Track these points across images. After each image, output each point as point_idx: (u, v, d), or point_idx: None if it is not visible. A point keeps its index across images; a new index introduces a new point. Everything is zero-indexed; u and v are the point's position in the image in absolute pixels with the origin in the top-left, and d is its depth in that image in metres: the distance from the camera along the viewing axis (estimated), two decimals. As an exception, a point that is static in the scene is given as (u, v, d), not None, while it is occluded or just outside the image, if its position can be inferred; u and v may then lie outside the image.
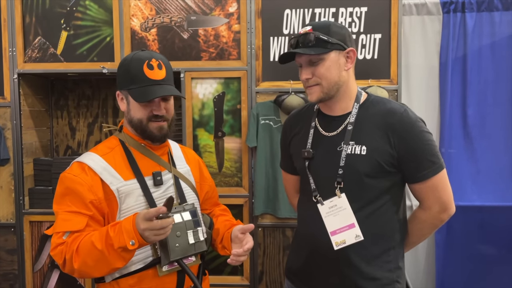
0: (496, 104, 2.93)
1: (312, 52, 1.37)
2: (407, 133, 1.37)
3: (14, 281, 2.61)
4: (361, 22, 2.47)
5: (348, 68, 1.44)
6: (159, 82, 1.38)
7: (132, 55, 1.41)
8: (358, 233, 1.39)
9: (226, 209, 1.69)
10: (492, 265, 2.94)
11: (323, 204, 1.43)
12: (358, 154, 1.39)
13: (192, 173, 1.55)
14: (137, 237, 1.22)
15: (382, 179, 1.40)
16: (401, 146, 1.37)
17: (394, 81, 2.47)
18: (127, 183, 1.36)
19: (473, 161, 2.96)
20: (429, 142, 1.39)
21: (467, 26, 2.89)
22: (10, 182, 2.57)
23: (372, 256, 1.41)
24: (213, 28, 2.51)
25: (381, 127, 1.39)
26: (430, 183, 1.40)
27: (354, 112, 1.44)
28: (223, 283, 2.52)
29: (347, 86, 1.45)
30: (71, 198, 1.33)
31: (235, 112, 2.53)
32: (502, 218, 2.91)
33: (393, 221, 1.44)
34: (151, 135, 1.40)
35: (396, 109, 1.42)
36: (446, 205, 1.44)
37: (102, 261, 1.25)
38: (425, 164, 1.38)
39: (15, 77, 2.54)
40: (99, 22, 2.53)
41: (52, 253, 1.32)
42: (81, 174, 1.34)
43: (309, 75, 1.41)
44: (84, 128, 2.98)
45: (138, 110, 1.38)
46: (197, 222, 1.41)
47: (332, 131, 1.46)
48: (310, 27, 1.40)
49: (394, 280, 1.43)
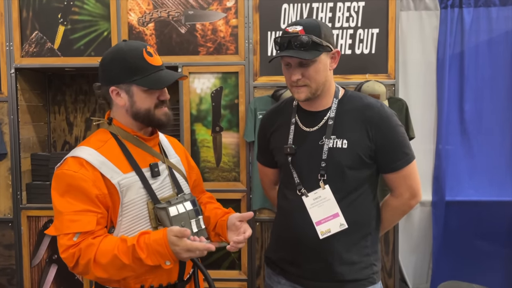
0: (493, 100, 2.95)
1: (308, 56, 1.39)
2: (385, 126, 1.46)
3: (12, 276, 2.61)
4: (359, 17, 2.48)
5: (332, 68, 1.49)
6: (161, 68, 1.38)
7: (121, 47, 1.36)
8: (342, 222, 1.47)
9: (212, 197, 1.70)
10: (488, 259, 2.96)
11: (307, 196, 1.49)
12: (339, 147, 1.46)
13: (182, 162, 1.55)
14: (172, 257, 1.24)
15: (362, 170, 1.48)
16: (378, 139, 1.46)
17: (391, 76, 2.48)
18: (127, 176, 1.35)
19: (470, 156, 2.98)
20: (402, 134, 1.49)
21: (465, 21, 2.90)
22: (7, 177, 2.57)
23: (352, 243, 1.50)
24: (210, 22, 2.51)
25: (360, 120, 1.47)
26: (403, 173, 1.50)
27: (334, 107, 1.50)
28: (221, 278, 2.52)
29: (329, 84, 1.51)
30: (76, 196, 1.28)
31: (233, 106, 2.53)
32: (498, 212, 2.93)
33: (371, 208, 1.54)
34: (159, 122, 1.39)
35: (373, 103, 1.50)
36: (415, 192, 1.54)
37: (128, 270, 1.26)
38: (400, 155, 1.48)
39: (12, 71, 2.53)
40: (96, 17, 2.52)
41: (62, 256, 1.28)
42: (81, 169, 1.29)
43: (299, 76, 1.44)
44: (82, 124, 2.98)
45: (145, 100, 1.36)
46: (197, 211, 1.42)
47: (312, 126, 1.51)
48: (300, 27, 1.41)
49: (371, 263, 1.53)
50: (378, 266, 1.56)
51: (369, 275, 1.51)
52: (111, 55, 1.37)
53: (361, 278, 1.50)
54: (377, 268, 1.55)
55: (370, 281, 1.51)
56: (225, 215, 1.51)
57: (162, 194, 1.41)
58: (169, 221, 1.33)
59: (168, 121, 1.41)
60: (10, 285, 2.61)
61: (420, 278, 3.08)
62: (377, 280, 1.54)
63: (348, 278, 1.48)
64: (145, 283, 1.35)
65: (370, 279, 1.51)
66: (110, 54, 1.37)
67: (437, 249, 2.95)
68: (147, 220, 1.35)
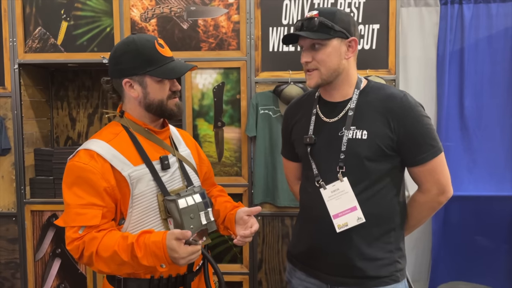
0: (493, 95, 2.96)
1: (315, 36, 1.39)
2: (407, 117, 1.40)
3: (16, 270, 2.63)
4: (360, 13, 2.50)
5: (348, 57, 1.45)
6: (172, 59, 1.41)
7: (133, 39, 1.38)
8: (360, 216, 1.42)
9: (223, 190, 1.72)
10: (487, 254, 2.97)
11: (325, 189, 1.45)
12: (359, 138, 1.42)
13: (192, 155, 1.57)
14: (167, 261, 1.24)
15: (383, 162, 1.43)
16: (400, 130, 1.40)
17: (392, 72, 2.50)
18: (137, 169, 1.36)
19: (469, 151, 2.99)
20: (428, 126, 1.42)
21: (465, 17, 2.91)
22: (11, 172, 2.59)
23: (373, 238, 1.45)
24: (212, 18, 2.52)
25: (381, 111, 1.42)
26: (429, 166, 1.43)
27: (355, 98, 1.47)
28: (223, 271, 2.50)
29: (347, 74, 1.47)
30: (84, 188, 1.30)
31: (235, 102, 2.55)
32: (497, 208, 2.94)
33: (393, 204, 1.47)
34: (171, 113, 1.41)
35: (395, 94, 1.44)
36: (444, 188, 1.47)
37: (127, 267, 1.28)
38: (424, 148, 1.41)
39: (16, 67, 2.55)
40: (99, 13, 2.54)
41: (68, 248, 1.32)
42: (91, 161, 1.31)
43: (309, 59, 1.43)
44: (84, 119, 3.00)
45: (159, 91, 1.38)
46: (206, 203, 1.43)
47: (333, 117, 1.49)
48: (316, 11, 1.42)
49: (395, 260, 1.47)
50: (403, 264, 1.50)
51: (392, 272, 1.46)
52: (123, 48, 1.38)
53: (383, 275, 1.44)
54: (401, 266, 1.49)
55: (393, 279, 1.46)
56: (234, 209, 1.52)
57: (172, 187, 1.43)
58: (178, 213, 1.35)
59: (180, 112, 1.43)
60: (14, 278, 2.64)
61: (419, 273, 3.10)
62: (401, 279, 1.48)
63: (369, 274, 1.44)
64: (155, 274, 1.37)
65: (393, 276, 1.46)
66: (122, 47, 1.38)
67: (437, 244, 2.97)
68: (157, 212, 1.37)
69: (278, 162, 2.48)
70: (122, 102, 1.47)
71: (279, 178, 2.48)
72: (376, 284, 1.44)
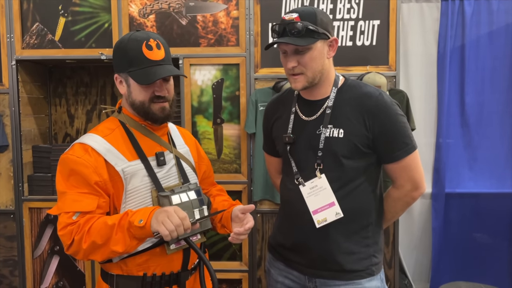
0: (493, 92, 2.95)
1: (302, 42, 1.39)
2: (382, 115, 1.43)
3: (14, 267, 2.62)
4: (360, 8, 2.47)
5: (330, 57, 1.48)
6: (159, 63, 1.37)
7: (128, 36, 1.38)
8: (338, 211, 1.46)
9: (222, 189, 1.71)
10: (488, 252, 2.97)
11: (304, 185, 1.49)
12: (336, 137, 1.45)
13: (191, 153, 1.56)
14: (149, 217, 1.23)
15: (359, 160, 1.47)
16: (376, 128, 1.43)
17: (392, 68, 2.48)
18: (132, 164, 1.36)
19: (470, 148, 2.98)
20: (402, 124, 1.45)
21: (465, 13, 2.90)
22: (9, 169, 2.58)
23: (351, 232, 1.49)
24: (211, 14, 2.50)
25: (357, 110, 1.45)
26: (403, 163, 1.47)
27: (332, 96, 1.49)
28: (222, 269, 2.54)
29: (327, 73, 1.49)
30: (78, 180, 1.31)
31: (234, 98, 2.53)
32: (498, 204, 2.94)
33: (370, 199, 1.51)
34: (154, 116, 1.40)
35: (371, 92, 1.47)
36: (417, 184, 1.50)
37: (108, 240, 1.26)
38: (399, 145, 1.45)
39: (13, 63, 2.53)
40: (97, 8, 2.52)
41: (60, 233, 1.31)
42: (85, 155, 1.32)
43: (295, 64, 1.43)
44: (83, 116, 2.98)
45: (140, 92, 1.37)
46: (201, 200, 1.42)
47: (311, 115, 1.51)
48: (296, 14, 1.41)
49: (371, 254, 1.51)
50: (379, 258, 1.54)
51: (368, 266, 1.50)
52: (117, 44, 1.40)
53: (359, 269, 1.49)
54: (377, 260, 1.53)
55: (368, 272, 1.50)
56: (230, 207, 1.52)
57: (168, 183, 1.42)
58: None
59: (165, 117, 1.41)
60: (12, 276, 2.63)
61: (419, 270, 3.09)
62: (376, 272, 1.52)
63: (346, 267, 1.48)
64: (148, 271, 1.36)
65: (369, 270, 1.50)
66: (117, 43, 1.41)
67: (437, 242, 2.96)
68: None
69: (278, 159, 2.46)
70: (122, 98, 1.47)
71: (279, 175, 2.46)
72: (352, 277, 1.48)
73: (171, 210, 1.24)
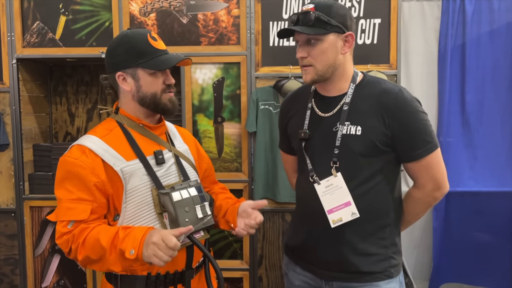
0: (494, 91, 2.95)
1: (311, 32, 1.37)
2: (402, 112, 1.38)
3: (15, 266, 2.62)
4: (361, 7, 2.47)
5: (345, 52, 1.44)
6: (165, 52, 1.40)
7: (126, 33, 1.40)
8: (354, 211, 1.41)
9: (224, 187, 1.70)
10: (488, 251, 2.96)
11: (319, 184, 1.45)
12: (353, 134, 1.41)
13: (190, 151, 1.56)
14: (139, 248, 1.22)
15: (377, 158, 1.42)
16: (395, 126, 1.39)
17: (393, 66, 2.48)
18: (130, 163, 1.36)
19: (471, 147, 2.98)
20: (423, 121, 1.40)
21: (466, 12, 2.89)
22: (10, 168, 2.58)
23: (367, 233, 1.45)
24: (212, 12, 2.50)
25: (376, 106, 1.41)
26: (424, 162, 1.41)
27: (350, 92, 1.45)
28: (223, 267, 2.52)
29: (344, 69, 1.46)
30: (74, 183, 1.31)
31: (235, 97, 2.53)
32: (498, 203, 2.94)
33: (388, 199, 1.47)
34: (165, 108, 1.41)
35: (391, 89, 1.43)
36: (440, 184, 1.46)
37: (103, 258, 1.27)
38: (419, 144, 1.39)
39: (14, 62, 2.53)
40: (97, 7, 2.52)
41: (57, 242, 1.32)
42: (82, 156, 1.32)
43: (305, 54, 1.41)
44: (83, 114, 2.98)
45: (152, 84, 1.38)
46: (203, 197, 1.42)
47: (328, 111, 1.47)
48: (312, 5, 1.40)
49: (389, 256, 1.47)
50: (398, 260, 1.49)
51: (386, 268, 1.45)
52: (116, 42, 1.40)
53: (377, 270, 1.44)
54: (396, 262, 1.48)
55: (387, 274, 1.45)
56: (236, 203, 1.52)
57: (168, 181, 1.42)
58: (173, 206, 1.34)
59: (174, 107, 1.43)
60: (13, 274, 2.63)
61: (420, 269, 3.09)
62: (395, 274, 1.47)
63: (363, 269, 1.43)
64: (152, 270, 1.36)
65: (387, 272, 1.45)
66: (116, 41, 1.40)
67: (438, 242, 2.96)
68: (152, 207, 1.36)
69: (279, 158, 2.46)
70: (118, 99, 1.47)
71: (280, 174, 2.46)
72: (370, 279, 1.44)
73: (159, 240, 1.20)
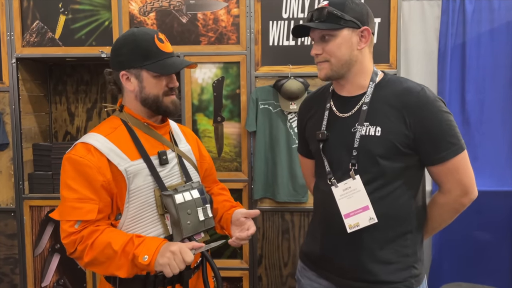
0: (494, 90, 2.94)
1: (323, 26, 1.33)
2: (424, 112, 1.31)
3: (15, 266, 2.63)
4: (361, 6, 2.47)
5: (361, 48, 1.38)
6: (171, 55, 1.40)
7: (133, 32, 1.38)
8: (372, 216, 1.34)
9: (224, 188, 1.69)
10: (489, 250, 2.96)
11: (337, 187, 1.39)
12: (372, 135, 1.35)
13: (193, 151, 1.56)
14: (154, 256, 1.23)
15: (397, 160, 1.35)
16: (417, 127, 1.32)
17: (393, 66, 2.48)
18: (134, 163, 1.35)
19: (471, 146, 2.97)
20: (448, 122, 1.32)
21: (466, 11, 2.88)
22: (9, 167, 2.58)
23: (386, 240, 1.38)
24: (212, 12, 2.50)
25: (397, 106, 1.34)
26: (449, 165, 1.33)
27: (370, 92, 1.39)
28: (222, 267, 2.54)
29: (362, 66, 1.40)
30: (80, 181, 1.30)
31: (234, 97, 2.53)
32: (499, 203, 2.93)
33: (410, 205, 1.39)
34: (167, 110, 1.40)
35: (412, 88, 1.36)
36: (467, 189, 1.37)
37: (111, 261, 1.27)
38: (444, 146, 1.32)
39: (14, 61, 2.53)
40: (97, 6, 2.52)
41: (63, 241, 1.31)
42: (88, 155, 1.31)
43: (319, 51, 1.38)
44: (83, 114, 2.98)
45: (155, 86, 1.37)
46: (205, 199, 1.42)
47: (346, 112, 1.42)
48: (326, 1, 1.36)
49: (410, 265, 1.39)
50: (419, 270, 1.41)
51: (406, 278, 1.37)
52: (123, 40, 1.38)
53: (396, 280, 1.36)
54: (417, 272, 1.40)
55: (406, 285, 1.37)
56: (231, 208, 1.51)
57: (170, 182, 1.41)
58: (175, 208, 1.34)
59: (176, 109, 1.42)
60: (13, 274, 2.63)
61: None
62: (416, 285, 1.38)
63: (381, 279, 1.36)
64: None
65: (407, 282, 1.37)
66: (122, 39, 1.38)
67: (437, 239, 2.96)
68: (154, 208, 1.36)
69: (278, 158, 2.46)
70: (122, 96, 1.46)
71: (279, 174, 2.46)
72: None
73: (177, 251, 1.23)
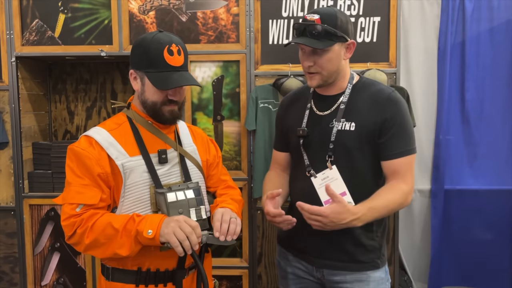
0: (494, 88, 2.94)
1: (320, 45, 1.44)
2: (393, 107, 1.49)
3: (15, 264, 2.63)
4: (360, 5, 2.47)
5: (346, 58, 1.54)
6: (178, 69, 1.38)
7: (152, 36, 1.38)
8: (349, 200, 1.47)
9: (228, 187, 1.66)
10: (488, 249, 2.97)
11: (316, 177, 1.53)
12: (347, 130, 1.50)
13: (199, 151, 1.56)
14: (158, 228, 1.26)
15: (369, 152, 1.51)
16: (386, 123, 1.48)
17: (392, 64, 2.47)
18: (132, 159, 1.39)
19: (470, 145, 2.98)
20: (409, 123, 1.51)
21: (466, 10, 2.88)
22: (9, 166, 2.58)
23: None
24: (211, 10, 2.49)
25: (370, 105, 1.51)
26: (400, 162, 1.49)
27: (348, 92, 1.55)
28: (222, 265, 2.54)
29: (344, 72, 1.56)
30: (82, 171, 1.36)
31: (234, 95, 2.53)
32: (498, 201, 2.94)
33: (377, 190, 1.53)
34: (162, 118, 1.42)
35: (384, 89, 1.55)
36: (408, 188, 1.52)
37: (112, 240, 1.29)
38: (402, 144, 1.49)
39: (13, 60, 2.53)
40: (97, 5, 2.51)
41: (63, 223, 1.35)
42: (89, 147, 1.37)
43: (311, 63, 1.49)
44: (83, 113, 2.98)
45: (154, 94, 1.39)
46: (200, 200, 1.42)
47: (326, 110, 1.57)
48: (318, 16, 1.45)
49: (377, 247, 1.56)
50: (383, 251, 1.59)
51: (374, 259, 1.54)
52: (140, 40, 1.41)
53: (366, 260, 1.53)
54: (383, 252, 1.58)
55: (373, 265, 1.54)
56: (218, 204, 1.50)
57: (168, 181, 1.43)
58: (166, 206, 1.35)
59: (173, 119, 1.44)
60: (13, 273, 2.63)
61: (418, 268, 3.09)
62: (381, 265, 1.56)
63: (354, 258, 1.52)
64: (142, 266, 1.38)
65: (374, 263, 1.54)
66: (140, 39, 1.41)
67: (436, 238, 2.96)
68: (148, 204, 1.39)
69: (278, 156, 2.46)
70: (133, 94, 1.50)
71: (279, 172, 2.46)
72: (358, 268, 1.52)
73: (181, 219, 1.27)
